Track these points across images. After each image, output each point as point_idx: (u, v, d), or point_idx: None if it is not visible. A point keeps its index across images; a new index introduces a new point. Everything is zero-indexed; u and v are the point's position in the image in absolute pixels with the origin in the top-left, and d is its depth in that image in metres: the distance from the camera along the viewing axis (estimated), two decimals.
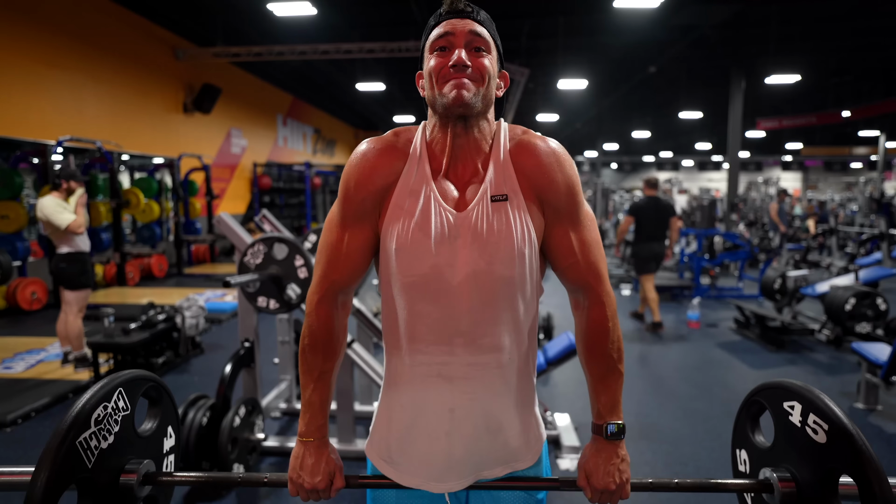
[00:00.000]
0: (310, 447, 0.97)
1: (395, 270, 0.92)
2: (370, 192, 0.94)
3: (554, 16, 9.17)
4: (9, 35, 6.23)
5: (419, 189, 0.93)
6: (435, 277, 0.90)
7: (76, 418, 0.81)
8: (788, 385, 0.93)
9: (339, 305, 1.00)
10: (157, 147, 8.94)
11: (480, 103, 0.91)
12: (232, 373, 2.61)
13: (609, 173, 32.43)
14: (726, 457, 2.80)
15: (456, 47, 0.91)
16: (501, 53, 0.98)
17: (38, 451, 0.79)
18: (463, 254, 0.90)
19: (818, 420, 0.87)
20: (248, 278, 2.40)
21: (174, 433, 1.04)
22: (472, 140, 0.94)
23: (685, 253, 8.03)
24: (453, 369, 0.93)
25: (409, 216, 0.91)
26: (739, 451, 1.04)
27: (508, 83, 1.01)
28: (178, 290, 7.05)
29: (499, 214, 0.91)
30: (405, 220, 0.91)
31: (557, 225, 0.95)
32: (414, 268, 0.91)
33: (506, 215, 0.91)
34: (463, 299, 0.91)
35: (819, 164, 29.39)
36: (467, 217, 0.91)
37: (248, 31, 9.65)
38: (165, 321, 4.09)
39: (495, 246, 0.90)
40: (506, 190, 0.92)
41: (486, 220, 0.90)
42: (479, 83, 0.90)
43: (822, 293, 4.86)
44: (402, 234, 0.91)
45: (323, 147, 17.83)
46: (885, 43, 10.64)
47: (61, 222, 3.67)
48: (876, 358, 3.26)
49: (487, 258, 0.90)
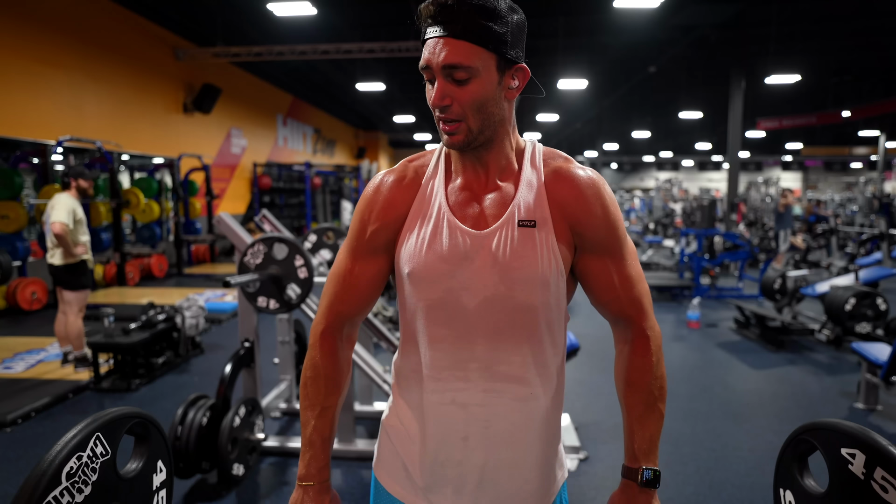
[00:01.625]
0: (309, 492, 0.91)
1: (411, 294, 0.89)
2: (382, 226, 0.90)
3: (554, 16, 9.17)
4: (9, 35, 6.23)
5: (432, 210, 0.88)
6: (451, 301, 0.86)
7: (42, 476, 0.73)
8: (848, 429, 0.81)
9: (345, 337, 0.97)
10: (157, 147, 8.94)
11: (479, 137, 0.84)
12: (232, 373, 2.61)
13: (609, 173, 32.44)
14: (726, 457, 2.81)
15: (436, 79, 0.81)
16: (506, 51, 0.82)
17: (38, 452, 0.78)
18: (481, 276, 0.85)
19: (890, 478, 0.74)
20: (248, 278, 2.40)
21: (165, 466, 0.96)
22: (493, 161, 0.89)
23: (685, 253, 8.03)
24: (468, 396, 0.88)
25: (422, 239, 0.87)
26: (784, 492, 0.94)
27: (527, 77, 0.87)
28: (177, 290, 7.05)
29: (524, 240, 0.85)
30: (419, 243, 0.87)
31: (597, 260, 0.89)
32: (429, 291, 0.87)
33: (531, 242, 0.85)
34: (480, 324, 0.86)
35: (819, 164, 29.41)
36: (488, 238, 0.85)
37: (248, 31, 9.65)
38: (165, 321, 4.09)
39: (518, 272, 0.84)
40: (535, 216, 0.86)
41: (509, 245, 0.85)
42: (463, 122, 0.82)
43: (822, 293, 4.85)
44: (416, 256, 0.87)
45: (323, 147, 17.83)
46: (885, 43, 10.64)
47: (53, 217, 3.67)
48: (876, 358, 3.26)
49: (508, 283, 0.85)
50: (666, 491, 2.45)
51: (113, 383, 3.73)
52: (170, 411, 3.22)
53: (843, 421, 0.83)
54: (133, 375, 3.79)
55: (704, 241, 7.44)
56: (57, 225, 3.64)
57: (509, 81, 0.84)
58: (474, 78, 0.80)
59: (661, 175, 28.49)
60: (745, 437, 3.01)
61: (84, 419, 0.81)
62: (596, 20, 9.25)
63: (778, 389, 3.84)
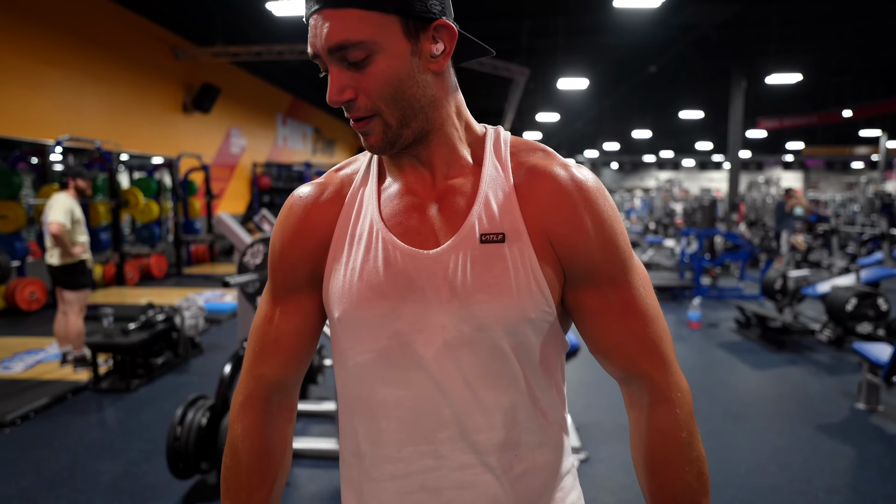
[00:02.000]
0: None
1: (344, 346, 0.67)
2: (300, 257, 0.69)
3: (554, 16, 9.15)
4: (8, 34, 6.22)
5: (362, 228, 0.66)
6: (399, 349, 0.64)
7: None
8: None
9: (275, 409, 0.74)
10: (157, 147, 8.93)
11: (403, 132, 0.64)
12: (231, 373, 2.60)
13: (609, 173, 32.45)
14: (727, 457, 2.80)
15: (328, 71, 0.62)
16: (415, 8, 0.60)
17: (36, 453, 0.77)
18: (437, 312, 0.63)
19: None
20: (248, 278, 2.39)
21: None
22: (437, 157, 0.68)
23: (686, 253, 8.02)
24: (441, 477, 0.65)
25: (351, 269, 0.65)
26: None
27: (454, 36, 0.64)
28: (177, 291, 7.04)
29: (490, 260, 0.63)
30: (347, 274, 0.65)
31: (592, 292, 0.66)
32: (368, 339, 0.65)
33: (500, 262, 0.62)
34: (443, 377, 0.63)
35: (820, 164, 29.41)
36: (441, 261, 0.63)
37: (248, 30, 9.64)
38: (165, 321, 4.09)
39: (484, 305, 0.62)
40: (504, 227, 0.63)
41: (470, 267, 0.62)
42: (381, 114, 0.62)
43: (824, 293, 4.84)
44: (346, 294, 0.65)
45: (323, 147, 17.82)
46: (885, 42, 10.63)
47: (51, 217, 3.66)
48: (877, 358, 3.25)
49: (473, 321, 0.63)
50: None
51: (112, 384, 3.73)
52: (169, 412, 3.22)
53: None
54: (132, 376, 3.78)
55: (705, 241, 7.43)
56: (54, 225, 3.63)
57: (428, 48, 0.62)
58: (375, 55, 0.59)
59: (661, 175, 28.51)
60: (745, 438, 3.01)
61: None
62: (596, 20, 9.24)
63: (779, 390, 3.83)
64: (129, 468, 2.68)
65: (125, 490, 2.48)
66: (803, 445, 2.94)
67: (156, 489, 2.49)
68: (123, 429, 3.16)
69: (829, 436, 3.06)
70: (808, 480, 2.59)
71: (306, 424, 3.19)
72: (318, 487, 2.52)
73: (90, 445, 2.94)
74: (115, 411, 3.41)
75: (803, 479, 2.60)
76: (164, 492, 2.47)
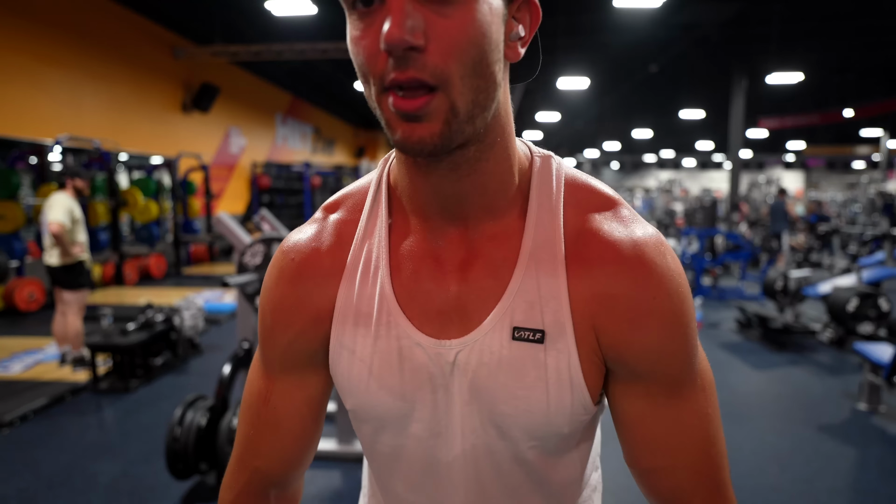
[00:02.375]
0: None
1: (364, 432, 0.59)
2: (298, 335, 0.57)
3: (554, 15, 9.14)
4: (6, 33, 6.21)
5: (371, 307, 0.54)
6: (416, 452, 0.57)
7: None
8: None
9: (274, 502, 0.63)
10: (156, 146, 8.92)
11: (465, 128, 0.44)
12: (231, 373, 2.59)
13: (610, 173, 32.44)
14: (728, 458, 2.78)
15: None
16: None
17: (35, 453, 0.76)
18: (457, 416, 0.54)
19: None
20: (247, 279, 2.38)
21: None
22: (478, 187, 0.50)
23: (687, 253, 8.01)
24: None
25: (360, 360, 0.55)
26: None
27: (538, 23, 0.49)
28: (176, 291, 7.03)
29: (523, 366, 0.51)
30: (356, 366, 0.55)
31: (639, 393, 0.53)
32: (385, 435, 0.57)
33: (536, 370, 0.51)
34: (461, 485, 0.57)
35: (821, 164, 29.38)
36: (467, 355, 0.52)
37: (247, 29, 9.63)
38: (164, 322, 4.08)
39: (511, 418, 0.52)
40: (545, 321, 0.50)
41: (497, 371, 0.51)
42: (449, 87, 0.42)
43: (825, 293, 4.83)
44: (356, 390, 0.55)
45: (322, 146, 17.81)
46: (887, 41, 10.61)
47: (50, 217, 3.65)
48: (878, 359, 3.24)
49: (497, 429, 0.53)
50: None
51: (111, 384, 3.72)
52: (168, 412, 3.21)
53: None
54: (131, 376, 3.77)
55: (706, 241, 7.42)
56: (54, 225, 3.62)
57: (511, 25, 0.46)
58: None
59: (662, 174, 28.49)
60: (746, 438, 3.00)
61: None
62: (597, 19, 9.23)
63: (780, 390, 3.82)
64: (127, 469, 2.67)
65: (124, 491, 2.48)
66: (804, 446, 2.93)
67: (155, 490, 2.48)
68: (122, 429, 3.15)
69: (830, 436, 3.05)
70: (809, 481, 2.58)
71: None
72: (318, 487, 2.51)
73: (89, 446, 2.94)
74: (113, 412, 3.40)
75: (804, 479, 2.59)
76: (162, 492, 2.46)
